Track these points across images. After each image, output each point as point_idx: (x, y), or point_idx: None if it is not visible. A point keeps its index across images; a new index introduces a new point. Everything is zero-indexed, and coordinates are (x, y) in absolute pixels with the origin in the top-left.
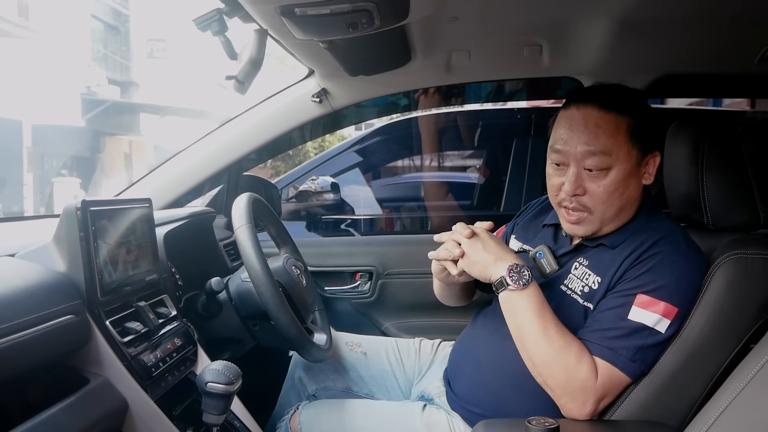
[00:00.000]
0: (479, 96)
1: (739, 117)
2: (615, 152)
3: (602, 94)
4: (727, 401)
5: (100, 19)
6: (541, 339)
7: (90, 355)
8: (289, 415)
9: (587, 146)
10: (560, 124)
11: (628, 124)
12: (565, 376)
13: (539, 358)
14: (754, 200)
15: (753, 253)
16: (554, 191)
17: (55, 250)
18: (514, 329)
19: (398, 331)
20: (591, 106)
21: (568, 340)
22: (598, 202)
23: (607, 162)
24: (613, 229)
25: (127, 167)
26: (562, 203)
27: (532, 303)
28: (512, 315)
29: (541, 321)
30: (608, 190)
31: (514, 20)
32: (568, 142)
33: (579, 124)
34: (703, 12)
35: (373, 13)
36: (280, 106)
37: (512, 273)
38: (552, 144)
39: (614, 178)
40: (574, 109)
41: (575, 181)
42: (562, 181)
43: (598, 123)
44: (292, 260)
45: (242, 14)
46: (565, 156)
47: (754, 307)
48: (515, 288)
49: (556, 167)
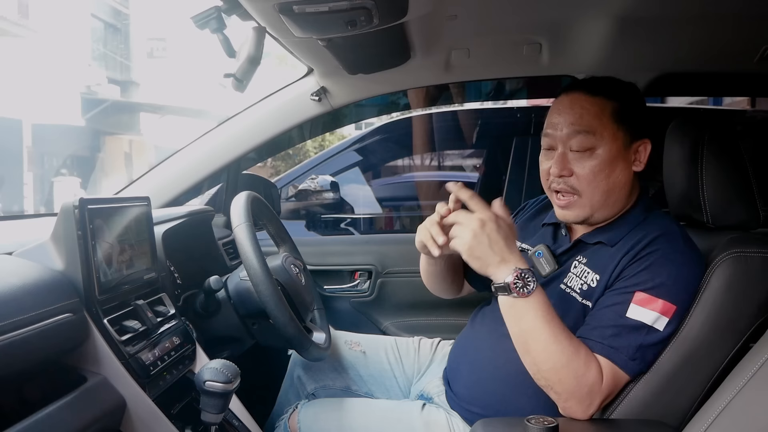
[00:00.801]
0: (479, 95)
1: (739, 116)
2: (599, 132)
3: (591, 82)
4: (726, 400)
5: (100, 19)
6: (551, 346)
7: (88, 354)
8: (288, 413)
9: (572, 126)
10: (550, 111)
11: (613, 107)
12: (575, 381)
13: (548, 364)
14: (754, 199)
15: (752, 251)
16: (545, 177)
17: (53, 248)
18: (518, 335)
19: (397, 330)
20: (579, 91)
21: (576, 344)
22: (584, 183)
23: (591, 141)
24: (606, 216)
25: (127, 166)
26: (552, 186)
27: (538, 310)
28: (515, 321)
29: (550, 328)
30: (593, 170)
31: (514, 18)
32: (555, 125)
33: (566, 107)
34: (703, 10)
35: (372, 10)
36: (279, 105)
37: (516, 280)
38: (544, 130)
39: (600, 158)
40: (563, 96)
41: (561, 161)
42: (549, 166)
43: (583, 105)
44: (291, 259)
45: (240, 12)
46: (552, 139)
47: (753, 305)
48: (518, 296)
49: (546, 152)
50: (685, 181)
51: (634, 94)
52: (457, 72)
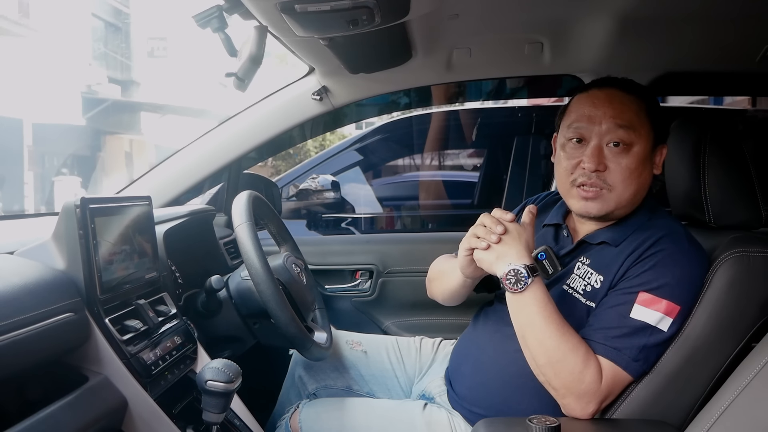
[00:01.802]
0: (480, 94)
1: (741, 115)
2: (638, 129)
3: (620, 80)
4: (729, 400)
5: (100, 18)
6: (547, 341)
7: (89, 353)
8: (290, 413)
9: (614, 120)
10: (581, 103)
11: (647, 106)
12: (570, 377)
13: (543, 358)
14: (756, 198)
15: (755, 251)
16: (568, 172)
17: (54, 247)
18: (517, 328)
19: (399, 329)
20: (613, 87)
21: (575, 342)
22: (618, 180)
23: (631, 137)
24: (622, 215)
25: (128, 166)
26: (577, 181)
27: (534, 306)
28: (515, 315)
29: (546, 324)
30: (629, 167)
31: (516, 17)
32: (592, 117)
33: (604, 101)
34: (705, 10)
35: (374, 9)
36: (281, 104)
37: (509, 277)
38: (571, 122)
39: (636, 156)
40: (597, 90)
41: (597, 155)
42: (578, 160)
43: (623, 101)
44: (292, 258)
45: (242, 11)
46: (587, 131)
47: (755, 305)
48: (511, 292)
49: (573, 145)
50: (687, 181)
51: (656, 97)
52: (459, 71)
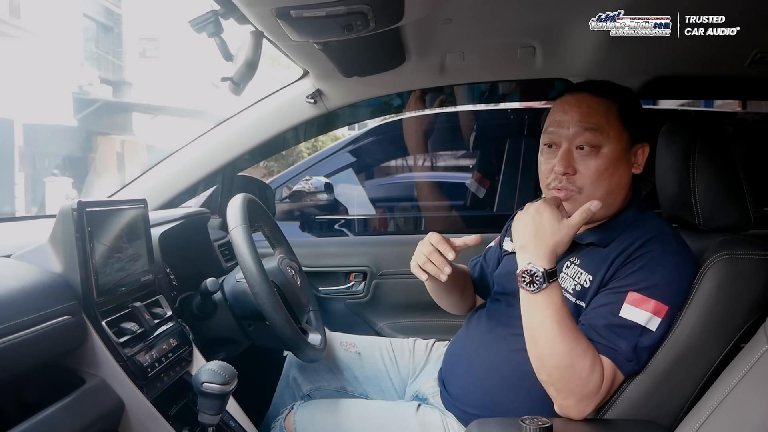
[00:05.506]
0: (472, 97)
1: (731, 118)
2: (606, 131)
3: (594, 84)
4: (718, 400)
5: (92, 18)
6: (558, 345)
7: (86, 356)
8: (284, 414)
9: (580, 123)
10: (554, 110)
11: (619, 108)
12: (577, 381)
13: (553, 361)
14: (745, 201)
15: (743, 253)
16: (545, 176)
17: (51, 251)
18: (527, 327)
19: (392, 331)
20: (584, 92)
21: (584, 347)
22: (587, 182)
23: (598, 139)
24: (602, 217)
25: (120, 167)
26: (552, 185)
27: (547, 308)
28: (526, 312)
29: (558, 327)
30: (598, 170)
31: (508, 22)
32: (561, 122)
33: (572, 106)
34: None
35: (368, 15)
36: (275, 107)
37: (524, 275)
38: (546, 127)
39: (605, 158)
40: (568, 96)
41: (566, 158)
42: (552, 164)
43: (590, 104)
44: (286, 261)
45: (238, 16)
46: (557, 136)
47: (744, 306)
48: (524, 290)
49: (547, 149)
50: (677, 183)
51: (634, 98)
52: (452, 75)
